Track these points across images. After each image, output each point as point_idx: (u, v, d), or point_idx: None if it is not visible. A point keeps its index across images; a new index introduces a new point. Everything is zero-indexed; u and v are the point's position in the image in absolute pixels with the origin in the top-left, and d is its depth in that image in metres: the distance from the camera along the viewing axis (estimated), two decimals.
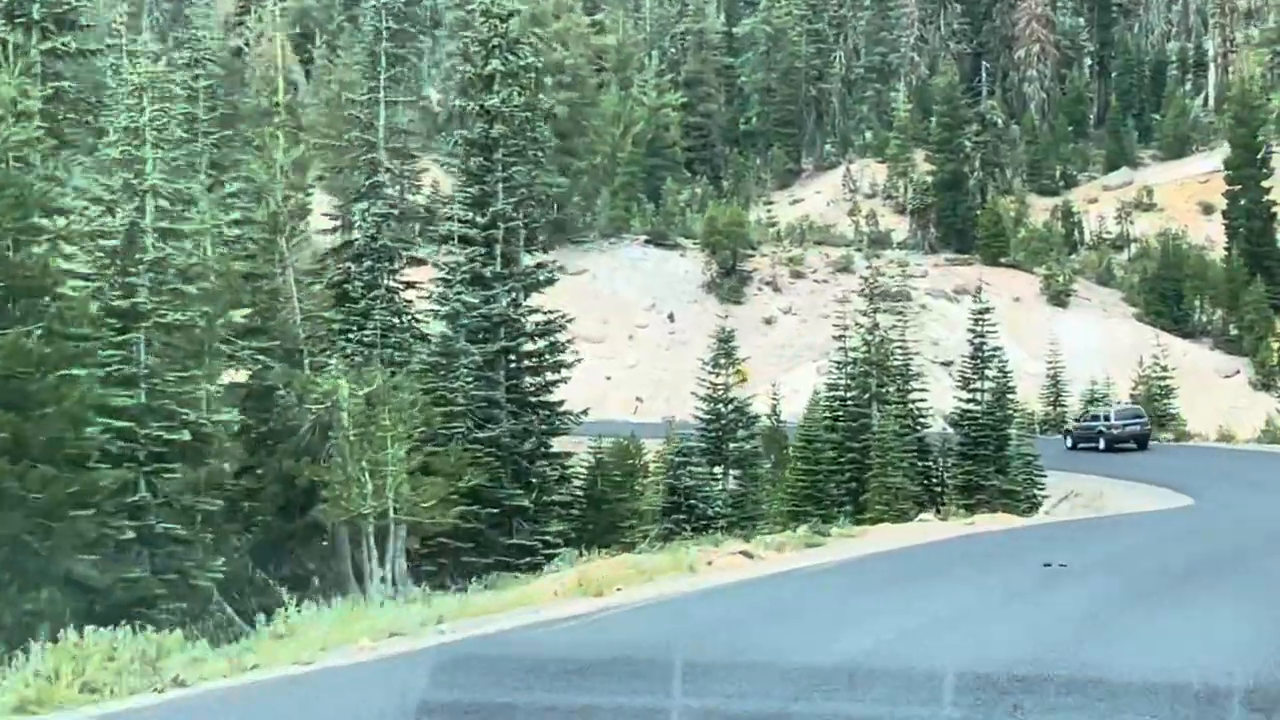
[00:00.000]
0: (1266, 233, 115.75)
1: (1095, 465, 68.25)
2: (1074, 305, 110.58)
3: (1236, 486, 56.52)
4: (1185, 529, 38.36)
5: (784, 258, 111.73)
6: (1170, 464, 67.93)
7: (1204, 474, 62.24)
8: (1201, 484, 58.02)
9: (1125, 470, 65.55)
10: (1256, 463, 66.14)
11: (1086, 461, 69.78)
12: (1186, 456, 71.71)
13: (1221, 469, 63.75)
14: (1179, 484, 58.88)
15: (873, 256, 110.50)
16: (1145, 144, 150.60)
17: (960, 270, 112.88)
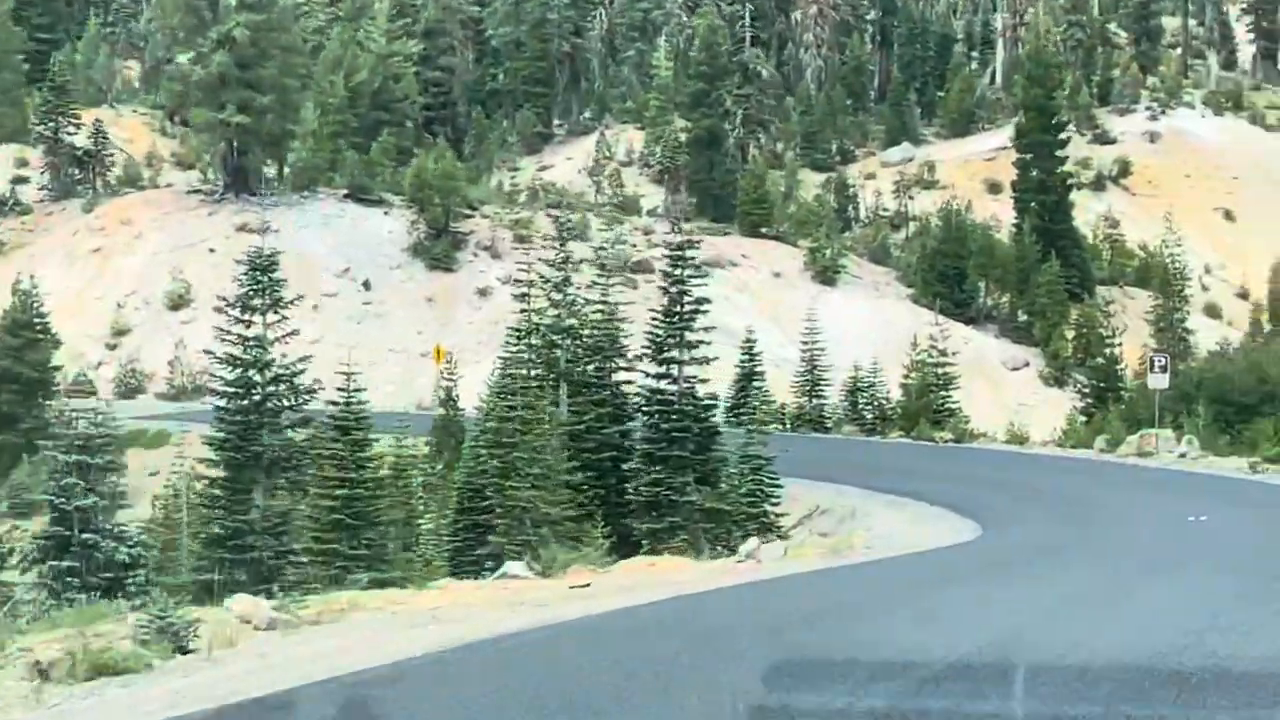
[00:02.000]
0: (1061, 209, 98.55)
1: (855, 473, 49.66)
2: (843, 284, 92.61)
3: (1037, 508, 38.33)
4: (975, 602, 19.70)
5: (508, 220, 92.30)
6: (952, 471, 49.87)
7: (993, 487, 44.30)
8: (990, 502, 39.98)
9: (893, 480, 47.14)
10: (1059, 474, 48.14)
11: (844, 468, 51.18)
12: (971, 462, 53.65)
13: (1014, 480, 45.63)
14: (960, 501, 40.70)
15: (615, 222, 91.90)
16: (929, 120, 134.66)
17: (715, 241, 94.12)
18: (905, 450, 58.06)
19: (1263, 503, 38.28)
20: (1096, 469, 49.76)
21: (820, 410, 67.79)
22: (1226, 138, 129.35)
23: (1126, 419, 63.73)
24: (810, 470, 50.50)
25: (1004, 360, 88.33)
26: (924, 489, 44.39)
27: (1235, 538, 30.30)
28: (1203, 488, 42.58)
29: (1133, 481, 45.21)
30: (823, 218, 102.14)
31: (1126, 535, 31.56)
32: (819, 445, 60.33)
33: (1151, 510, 36.74)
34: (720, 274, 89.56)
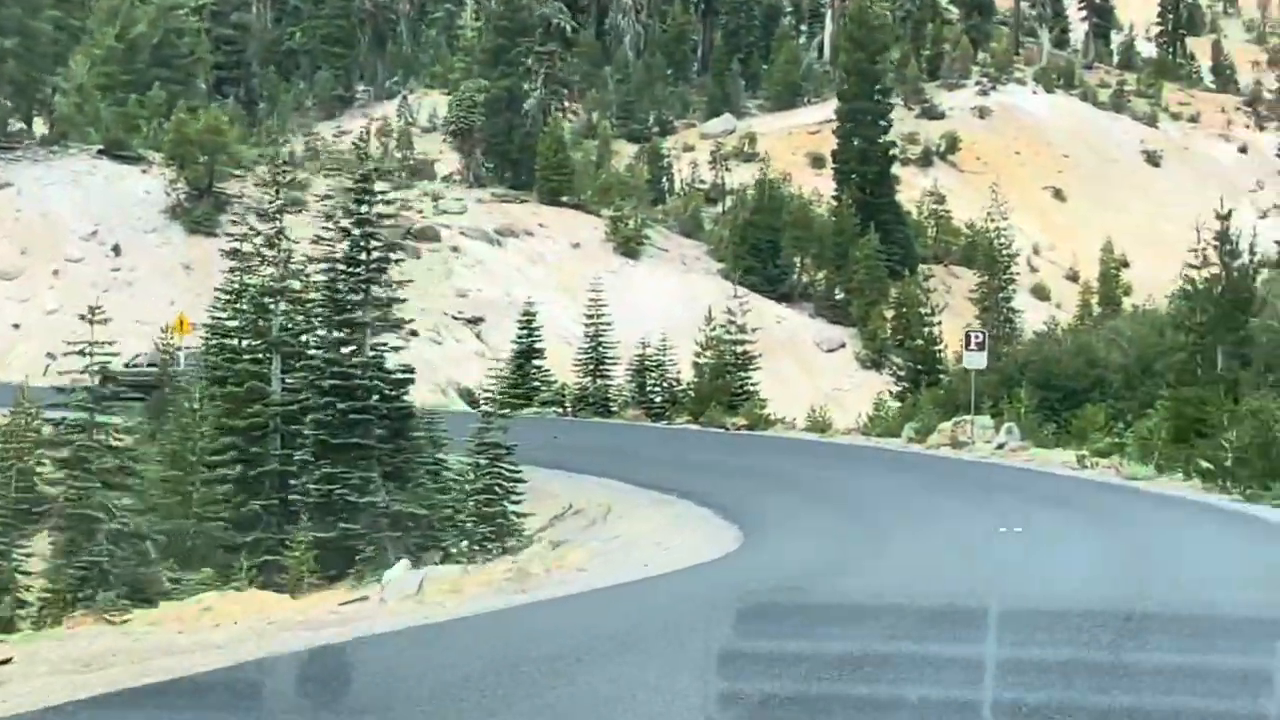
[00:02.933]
0: (883, 182, 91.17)
1: (627, 464, 41.63)
2: (648, 257, 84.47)
3: (817, 512, 30.51)
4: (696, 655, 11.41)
5: (282, 182, 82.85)
6: (737, 463, 42.09)
7: (774, 482, 36.68)
8: (765, 503, 32.24)
9: (667, 473, 39.20)
10: (855, 467, 40.37)
11: (617, 458, 43.12)
12: (761, 452, 45.79)
13: (802, 475, 37.79)
14: (732, 501, 32.92)
15: (404, 185, 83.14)
16: (753, 93, 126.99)
17: (511, 208, 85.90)
18: (691, 438, 50.15)
19: (1090, 506, 30.60)
20: (903, 461, 42.11)
21: (605, 392, 59.67)
22: (1057, 115, 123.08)
23: (943, 404, 56.50)
24: (578, 461, 42.73)
25: (819, 341, 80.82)
26: (698, 484, 36.62)
27: (1058, 559, 22.53)
28: (1022, 485, 35.08)
29: (941, 476, 37.45)
30: (633, 188, 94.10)
31: (918, 554, 23.68)
32: (597, 431, 52.28)
33: (957, 518, 28.91)
34: (513, 244, 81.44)
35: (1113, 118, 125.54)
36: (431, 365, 66.02)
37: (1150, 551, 23.30)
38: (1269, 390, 37.87)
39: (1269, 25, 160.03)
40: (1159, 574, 20.61)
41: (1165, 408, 39.96)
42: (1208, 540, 24.81)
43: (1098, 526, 26.80)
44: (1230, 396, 37.75)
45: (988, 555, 22.95)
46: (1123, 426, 42.86)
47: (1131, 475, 35.99)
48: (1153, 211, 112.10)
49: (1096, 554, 23.07)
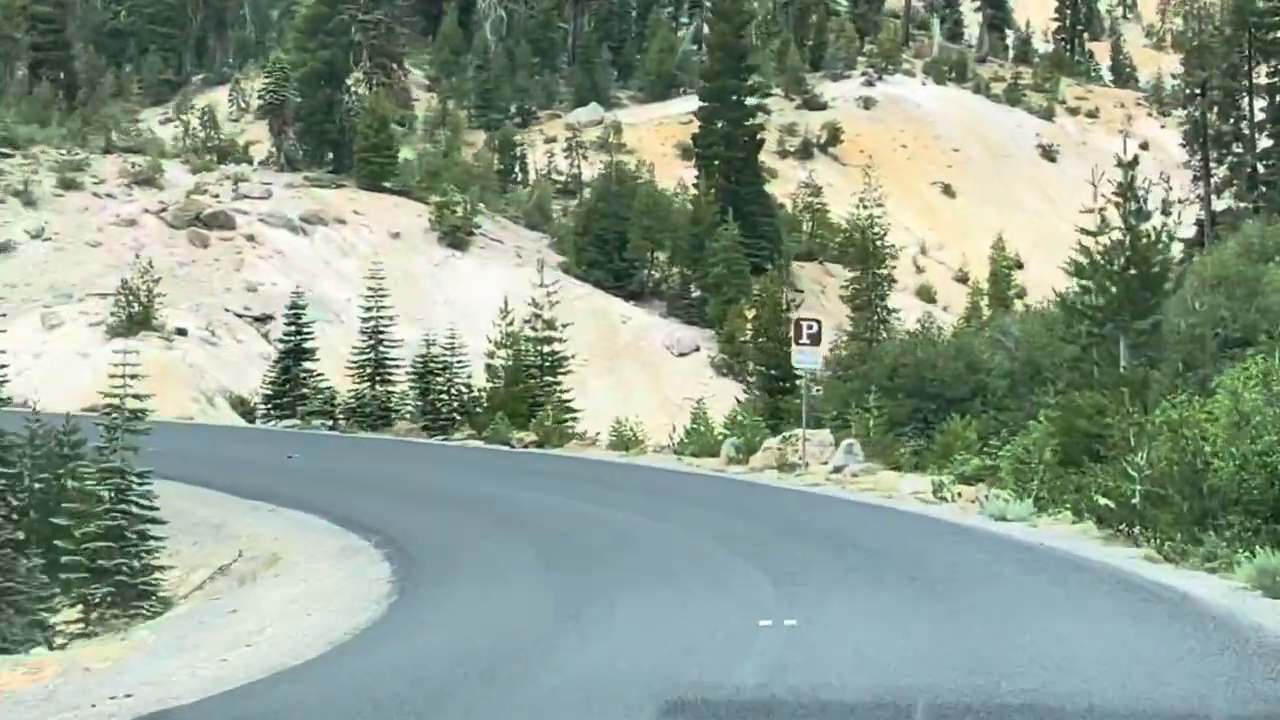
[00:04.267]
0: (750, 169, 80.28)
1: (342, 494, 30.42)
2: (479, 249, 73.11)
3: (534, 568, 19.99)
4: None
5: (55, 161, 71.32)
6: (479, 494, 31.02)
7: (510, 522, 26.25)
8: (475, 554, 22.59)
9: (382, 506, 28.11)
10: (634, 496, 29.33)
11: (336, 487, 31.92)
12: (531, 477, 34.20)
13: (552, 512, 26.83)
14: (434, 551, 22.92)
15: (203, 168, 71.48)
16: (625, 83, 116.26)
17: (323, 194, 74.43)
18: (456, 459, 38.78)
19: (922, 571, 19.53)
20: (703, 491, 30.91)
21: (386, 401, 48.21)
22: (948, 107, 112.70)
23: (791, 416, 45.71)
24: (294, 490, 31.72)
25: (669, 344, 69.77)
26: (414, 524, 25.70)
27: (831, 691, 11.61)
28: (839, 530, 24.08)
29: (735, 514, 26.33)
30: (475, 176, 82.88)
31: (603, 658, 12.74)
32: (349, 450, 40.90)
33: (713, 591, 17.87)
34: (321, 233, 69.97)
35: (1007, 111, 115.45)
36: (198, 369, 54.54)
37: (996, 690, 12.21)
38: (1189, 394, 26.82)
39: (1169, 23, 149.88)
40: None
41: (1050, 419, 29.01)
42: (1107, 661, 13.61)
43: (917, 619, 15.70)
44: (1137, 403, 26.71)
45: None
46: (998, 444, 31.84)
47: (999, 513, 24.95)
48: (1048, 209, 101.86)
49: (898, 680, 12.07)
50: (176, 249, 65.98)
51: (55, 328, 57.18)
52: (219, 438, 42.70)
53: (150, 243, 66.30)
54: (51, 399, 52.02)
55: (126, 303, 56.76)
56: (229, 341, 59.34)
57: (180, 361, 55.62)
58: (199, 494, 31.49)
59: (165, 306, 59.07)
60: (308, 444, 41.47)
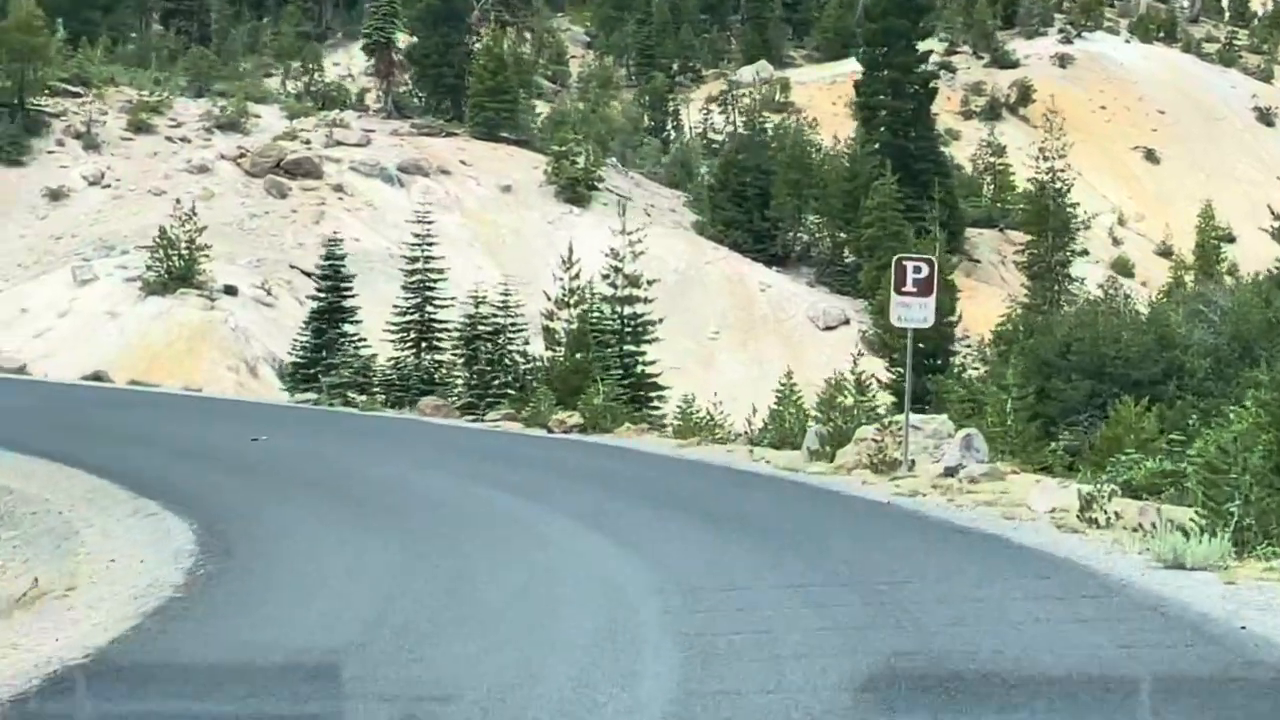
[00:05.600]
0: (920, 122, 69.46)
1: (255, 490, 20.75)
2: (601, 205, 63.25)
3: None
4: None
5: (129, 100, 62.82)
6: (447, 500, 20.68)
7: (439, 540, 15.32)
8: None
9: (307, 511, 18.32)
10: (667, 514, 19.06)
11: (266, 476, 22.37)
12: (537, 470, 24.22)
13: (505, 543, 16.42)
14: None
15: (300, 113, 62.55)
16: (799, 40, 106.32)
17: (429, 142, 65.13)
18: (467, 446, 28.84)
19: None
20: (737, 500, 20.86)
21: (433, 371, 38.68)
22: (1154, 66, 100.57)
23: (939, 401, 36.13)
24: (205, 486, 21.98)
25: (814, 316, 59.34)
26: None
27: None
28: (882, 594, 13.66)
29: (769, 543, 16.21)
30: (615, 130, 73.14)
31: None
32: (330, 432, 31.09)
33: None
34: (422, 185, 60.52)
35: (1220, 72, 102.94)
36: (242, 333, 45.48)
37: None
38: None
39: None
40: None
41: (1262, 404, 18.42)
42: None
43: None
44: None
45: None
46: (1181, 439, 21.28)
47: (1173, 554, 14.58)
48: (1263, 178, 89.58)
49: None
50: (249, 198, 57.20)
51: (87, 283, 48.59)
52: (192, 413, 33.37)
53: (222, 191, 57.65)
54: (68, 364, 43.39)
55: (165, 255, 47.85)
56: (288, 303, 50.22)
57: (221, 324, 46.65)
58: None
59: (216, 261, 50.19)
60: (304, 423, 32.12)
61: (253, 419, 32.19)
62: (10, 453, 25.54)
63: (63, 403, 33.97)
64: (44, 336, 46.33)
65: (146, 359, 44.94)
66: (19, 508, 21.88)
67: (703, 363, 55.41)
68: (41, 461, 24.42)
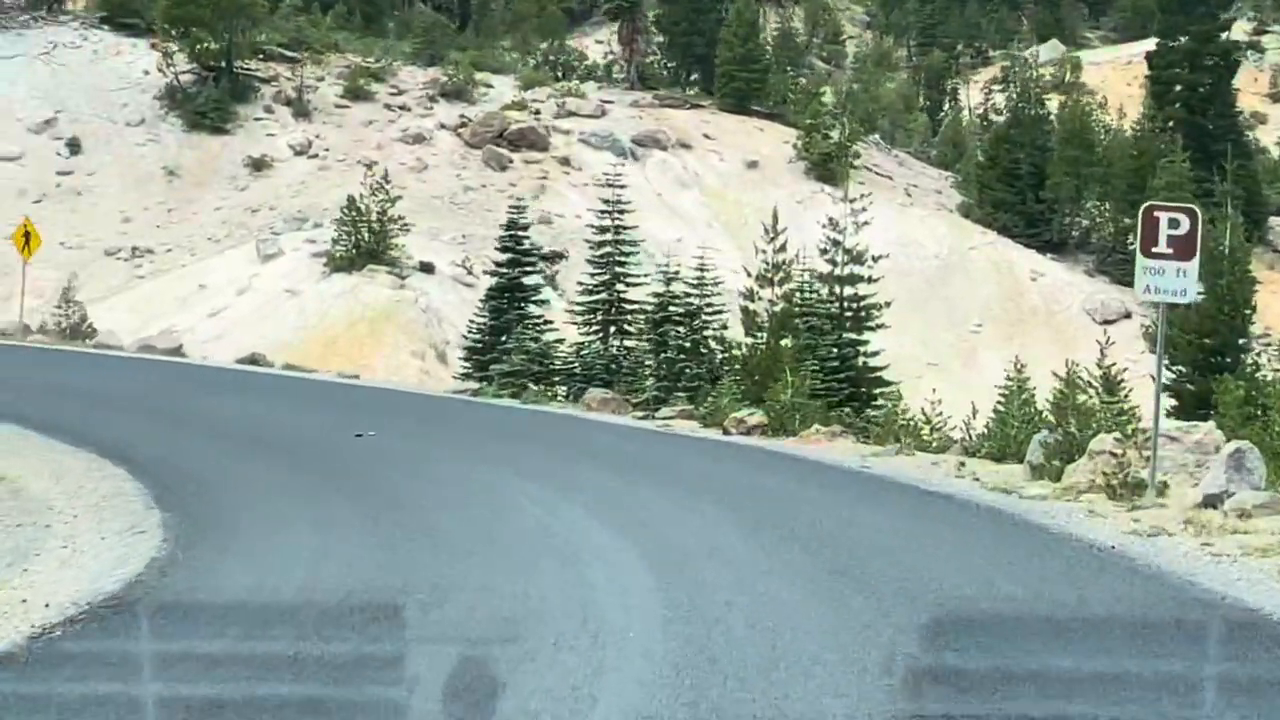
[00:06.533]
0: (1219, 98, 61.52)
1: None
2: (855, 184, 56.70)
3: None
4: None
5: (348, 66, 58.38)
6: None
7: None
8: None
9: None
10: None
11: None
12: (662, 488, 18.25)
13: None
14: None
15: (535, 82, 57.57)
16: (1095, 20, 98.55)
17: (670, 114, 59.43)
18: (585, 447, 23.00)
19: None
20: (885, 543, 14.52)
21: (622, 358, 32.96)
22: None
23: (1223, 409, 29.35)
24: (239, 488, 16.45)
25: (1091, 308, 52.17)
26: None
27: None
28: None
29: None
30: (883, 107, 66.56)
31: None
32: (456, 427, 25.49)
33: None
34: (658, 159, 54.93)
35: None
36: (433, 315, 40.47)
37: None
38: None
39: None
40: None
41: None
42: None
43: None
44: None
45: None
46: None
47: None
48: None
49: None
50: (466, 171, 52.27)
51: (271, 259, 44.01)
52: (316, 402, 28.11)
53: (437, 163, 52.88)
54: (239, 345, 38.74)
55: (354, 228, 43.00)
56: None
57: (410, 304, 41.61)
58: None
59: (417, 235, 45.27)
60: (438, 417, 26.66)
61: (381, 411, 26.87)
62: (59, 444, 20.82)
63: (179, 388, 29.10)
64: (220, 315, 41.86)
65: (323, 342, 40.13)
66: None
67: (963, 358, 48.86)
68: (84, 455, 19.68)
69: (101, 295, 44.56)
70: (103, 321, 41.48)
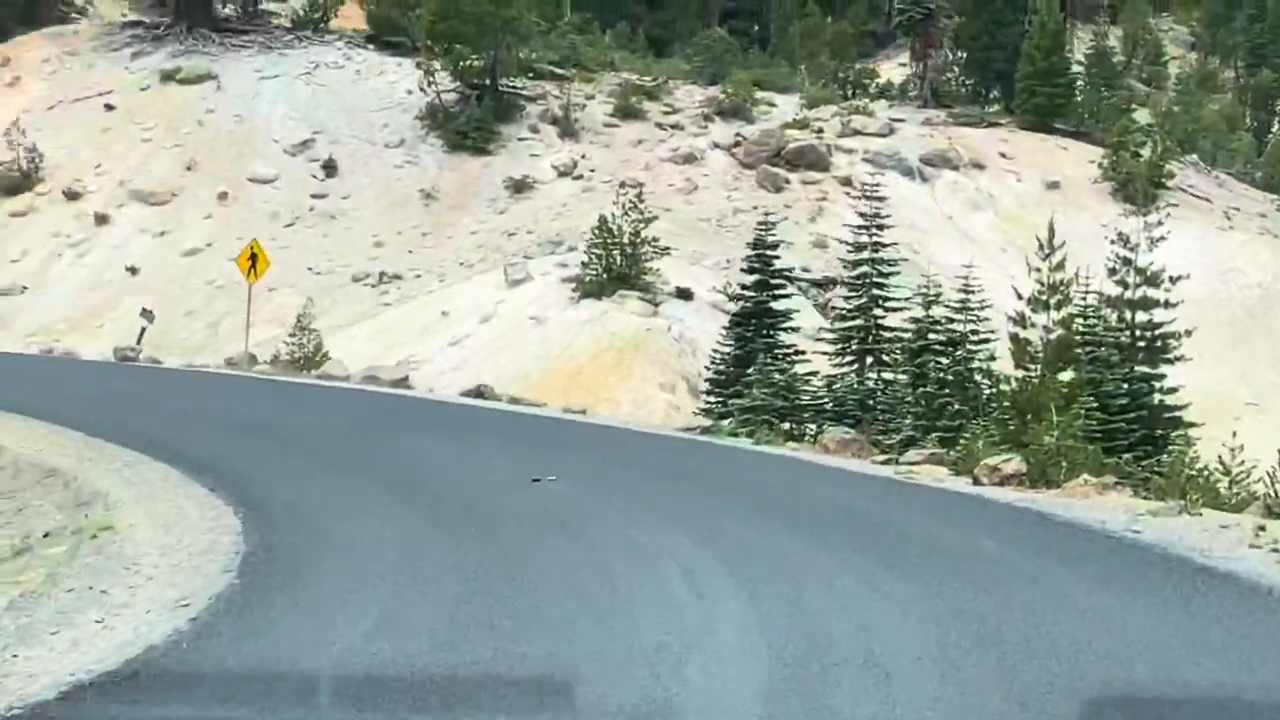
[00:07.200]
0: None
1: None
2: (1170, 208, 51.52)
3: None
4: None
5: (618, 83, 55.25)
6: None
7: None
8: None
9: None
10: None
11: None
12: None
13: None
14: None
15: (821, 100, 53.95)
16: None
17: (964, 133, 55.00)
18: (829, 505, 18.95)
19: None
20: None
21: (878, 392, 28.90)
22: None
23: None
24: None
25: None
26: None
27: None
28: None
29: None
30: (1203, 127, 61.01)
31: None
32: (654, 474, 21.58)
33: None
34: (948, 180, 50.63)
35: None
36: (687, 346, 37.19)
37: None
38: None
39: None
40: None
41: None
42: None
43: None
44: None
45: None
46: None
47: None
48: None
49: None
50: (737, 192, 48.69)
51: (518, 284, 40.96)
52: (518, 441, 24.56)
53: (707, 184, 49.42)
54: (477, 377, 35.71)
55: (605, 250, 39.70)
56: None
57: (661, 333, 38.12)
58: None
59: (677, 259, 41.82)
60: (640, 460, 22.98)
61: (583, 450, 23.34)
62: (196, 487, 18.22)
63: (377, 423, 26.05)
64: (460, 344, 38.92)
65: (566, 373, 36.85)
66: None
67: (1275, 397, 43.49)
68: (212, 501, 17.63)
69: (344, 323, 42.11)
70: (341, 350, 38.95)
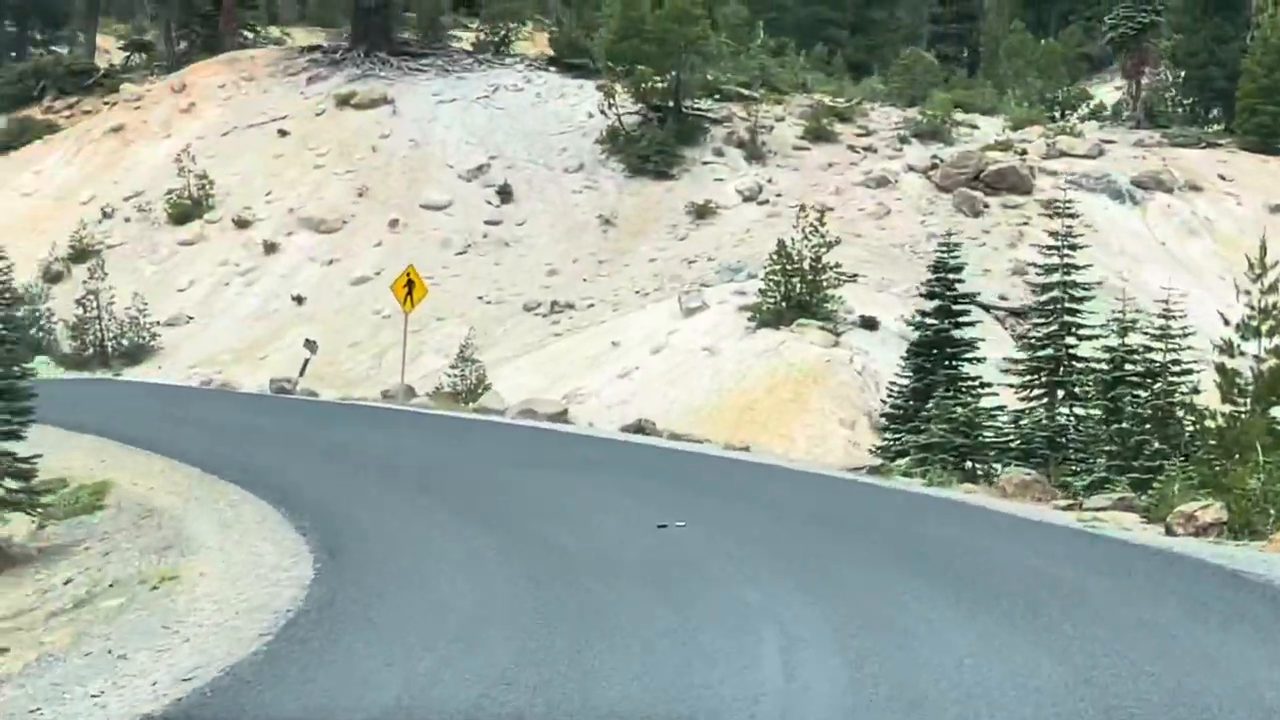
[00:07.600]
0: None
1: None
2: None
3: None
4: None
5: (809, 104, 52.68)
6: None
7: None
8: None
9: None
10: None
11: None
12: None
13: None
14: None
15: (1026, 121, 51.10)
16: None
17: (1180, 154, 51.47)
18: (995, 566, 16.27)
19: None
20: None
21: (1063, 431, 26.06)
22: None
23: None
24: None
25: None
26: None
27: None
28: None
29: None
30: None
31: None
32: (790, 520, 19.09)
33: None
34: (1161, 203, 47.27)
35: None
36: (869, 378, 34.65)
37: None
38: None
39: None
40: None
41: None
42: None
43: None
44: None
45: None
46: None
47: None
48: None
49: None
50: (932, 216, 45.87)
51: (693, 313, 38.66)
52: (669, 481, 22.15)
53: (901, 208, 46.68)
54: (649, 410, 33.51)
55: (784, 276, 37.20)
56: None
57: (843, 365, 35.50)
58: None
59: (864, 286, 39.27)
60: (801, 499, 20.55)
61: (729, 493, 20.97)
62: (287, 531, 16.92)
63: (514, 461, 23.95)
64: (629, 376, 36.71)
65: (738, 407, 34.42)
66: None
67: None
68: (290, 545, 16.52)
69: (513, 354, 40.18)
70: (506, 382, 37.00)
